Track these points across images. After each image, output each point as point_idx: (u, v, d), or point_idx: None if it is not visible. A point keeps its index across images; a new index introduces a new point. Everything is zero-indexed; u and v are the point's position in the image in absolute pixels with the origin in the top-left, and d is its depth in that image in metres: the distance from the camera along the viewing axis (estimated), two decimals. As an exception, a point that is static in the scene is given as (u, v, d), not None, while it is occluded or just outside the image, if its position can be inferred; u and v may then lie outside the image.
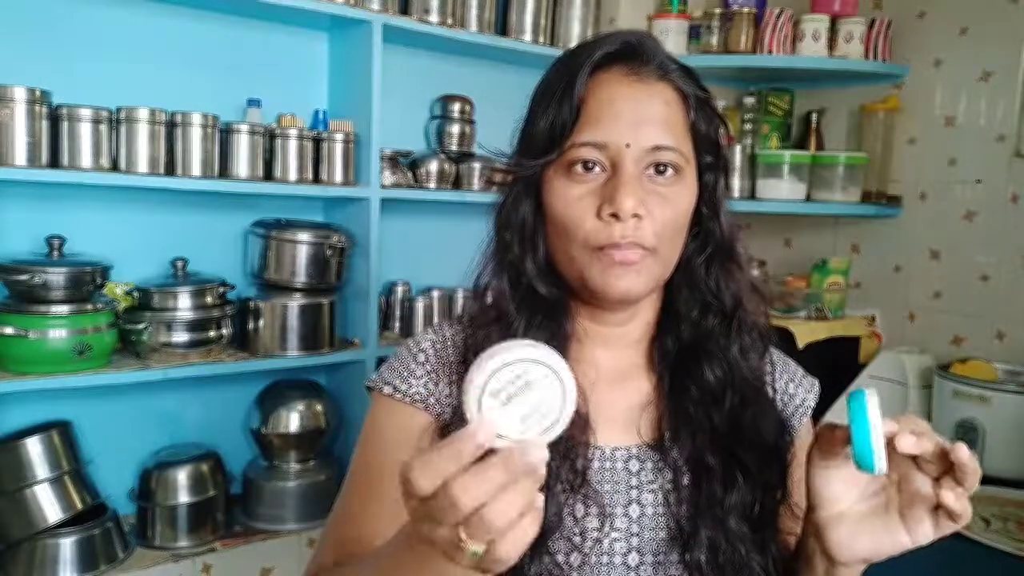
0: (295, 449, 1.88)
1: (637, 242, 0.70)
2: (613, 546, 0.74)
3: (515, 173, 0.77)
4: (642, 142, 0.70)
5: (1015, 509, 1.52)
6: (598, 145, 0.71)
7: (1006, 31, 1.93)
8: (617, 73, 0.73)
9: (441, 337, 0.83)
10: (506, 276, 0.77)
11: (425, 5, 1.96)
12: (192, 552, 1.71)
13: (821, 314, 2.06)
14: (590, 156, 0.71)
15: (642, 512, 0.75)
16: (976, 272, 1.99)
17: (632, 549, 0.74)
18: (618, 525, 0.75)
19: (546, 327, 0.76)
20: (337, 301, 1.94)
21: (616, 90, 0.72)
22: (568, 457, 0.73)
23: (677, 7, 2.22)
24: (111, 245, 1.75)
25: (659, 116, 0.72)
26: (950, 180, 2.05)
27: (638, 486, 0.76)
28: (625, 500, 0.75)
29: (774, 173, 2.18)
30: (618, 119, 0.71)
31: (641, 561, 0.74)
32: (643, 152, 0.71)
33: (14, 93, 1.50)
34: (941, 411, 1.76)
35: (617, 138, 0.70)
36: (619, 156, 0.71)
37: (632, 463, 0.76)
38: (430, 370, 0.80)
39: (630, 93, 0.72)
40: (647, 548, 0.75)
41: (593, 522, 0.74)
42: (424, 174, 2.05)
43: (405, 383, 0.80)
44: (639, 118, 0.71)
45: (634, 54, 0.73)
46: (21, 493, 1.57)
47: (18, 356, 1.55)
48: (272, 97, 1.91)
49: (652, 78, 0.73)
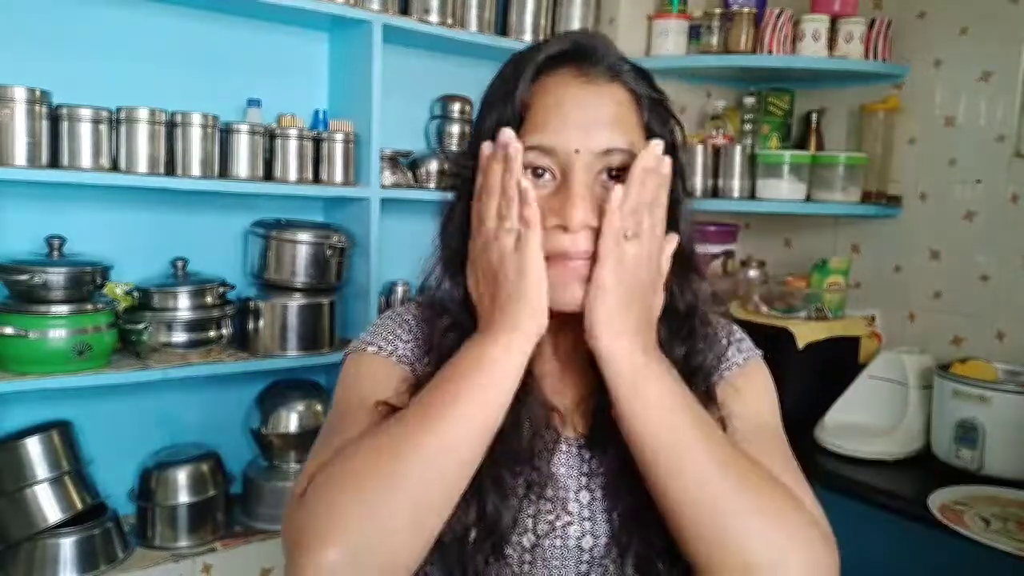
0: (295, 449, 1.88)
1: (589, 251, 0.67)
2: (567, 530, 0.74)
3: (459, 174, 0.74)
4: (592, 146, 0.68)
5: (1015, 509, 1.52)
6: (545, 150, 0.68)
7: (1006, 31, 1.93)
8: (566, 75, 0.70)
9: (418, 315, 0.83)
10: (460, 281, 0.74)
11: (425, 5, 1.96)
12: (192, 552, 1.71)
13: (821, 314, 2.06)
14: (539, 162, 0.69)
15: (592, 498, 0.76)
16: (976, 272, 1.99)
17: (586, 533, 0.75)
18: (571, 509, 0.75)
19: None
20: (337, 301, 1.94)
21: (564, 93, 0.69)
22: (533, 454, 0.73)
23: (677, 7, 2.22)
24: (111, 245, 1.75)
25: (609, 117, 0.69)
26: (950, 180, 2.05)
27: (588, 473, 0.76)
28: (576, 486, 0.76)
29: (774, 173, 2.18)
30: (566, 123, 0.68)
31: (595, 544, 0.75)
32: (593, 157, 0.68)
33: (14, 93, 1.50)
34: (941, 411, 1.76)
35: (565, 143, 0.68)
36: (568, 162, 0.68)
37: (584, 451, 0.77)
38: (416, 337, 0.81)
39: (579, 95, 0.69)
40: (600, 531, 0.75)
41: (547, 505, 0.74)
42: (424, 174, 2.05)
43: (391, 345, 0.80)
44: (588, 121, 0.68)
45: (583, 55, 0.71)
46: (21, 493, 1.58)
47: (18, 356, 1.55)
48: (272, 97, 1.91)
49: (602, 79, 0.70)
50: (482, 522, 0.70)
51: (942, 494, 1.57)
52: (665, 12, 2.23)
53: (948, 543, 1.41)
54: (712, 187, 2.24)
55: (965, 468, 1.68)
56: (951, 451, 1.71)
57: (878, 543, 1.57)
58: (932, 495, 1.55)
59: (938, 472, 1.73)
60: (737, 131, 2.35)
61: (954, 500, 1.55)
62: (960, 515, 1.48)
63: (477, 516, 0.70)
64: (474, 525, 0.70)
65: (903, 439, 1.82)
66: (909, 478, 1.71)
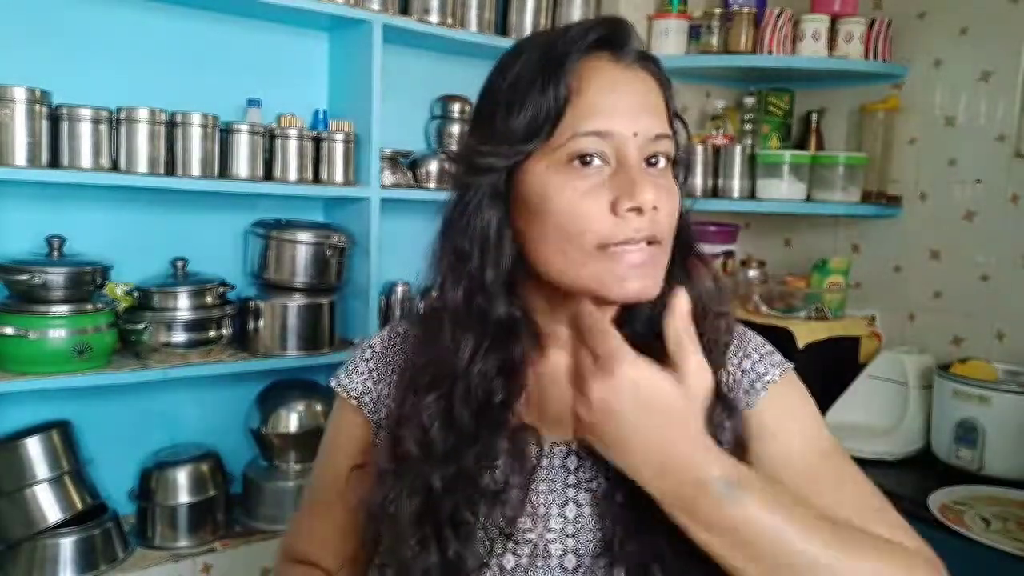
0: (295, 449, 1.88)
1: (654, 236, 0.66)
2: (549, 548, 0.71)
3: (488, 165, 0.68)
4: (645, 131, 0.66)
5: (1015, 509, 1.52)
6: (602, 134, 0.65)
7: (1006, 31, 1.93)
8: (604, 60, 0.68)
9: (392, 335, 0.83)
10: (461, 290, 0.70)
11: (425, 5, 1.96)
12: (192, 552, 1.71)
13: (821, 314, 2.06)
14: (593, 147, 0.65)
15: (579, 512, 0.72)
16: (976, 272, 1.99)
17: (568, 551, 0.71)
18: (552, 526, 0.71)
19: (494, 353, 0.70)
20: (337, 301, 1.94)
21: (608, 77, 0.67)
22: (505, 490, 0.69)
23: (677, 7, 2.22)
24: (111, 245, 1.75)
25: (653, 102, 0.68)
26: (950, 180, 2.05)
27: (576, 484, 0.72)
28: (561, 500, 0.72)
29: (774, 173, 2.18)
30: (618, 107, 0.66)
31: (579, 563, 0.71)
32: (647, 141, 0.67)
33: (14, 93, 1.50)
34: (941, 411, 1.76)
35: (622, 127, 0.65)
36: (624, 146, 0.66)
37: (570, 460, 0.73)
38: (372, 367, 0.81)
39: (623, 79, 0.67)
40: (584, 550, 0.71)
41: (526, 523, 0.71)
42: (424, 174, 2.05)
43: (348, 378, 0.82)
44: (636, 106, 0.67)
45: (615, 40, 0.69)
46: (21, 493, 1.57)
47: (18, 356, 1.55)
48: (272, 97, 1.91)
49: (636, 65, 0.69)
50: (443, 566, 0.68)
51: (942, 494, 1.57)
52: (665, 12, 2.23)
53: (948, 543, 1.41)
54: (712, 187, 2.24)
55: (965, 468, 1.68)
56: (951, 451, 1.71)
57: (878, 543, 1.57)
58: (932, 495, 1.55)
59: (938, 472, 1.73)
60: (737, 131, 2.35)
61: (954, 500, 1.55)
62: (960, 515, 1.48)
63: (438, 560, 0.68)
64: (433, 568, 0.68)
65: (903, 439, 1.82)
66: (909, 478, 1.71)
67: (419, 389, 0.71)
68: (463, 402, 0.69)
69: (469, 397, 0.69)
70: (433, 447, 0.69)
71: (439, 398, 0.70)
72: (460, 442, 0.69)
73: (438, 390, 0.70)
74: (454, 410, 0.69)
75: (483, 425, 0.69)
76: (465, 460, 0.68)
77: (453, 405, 0.69)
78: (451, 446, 0.69)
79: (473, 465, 0.68)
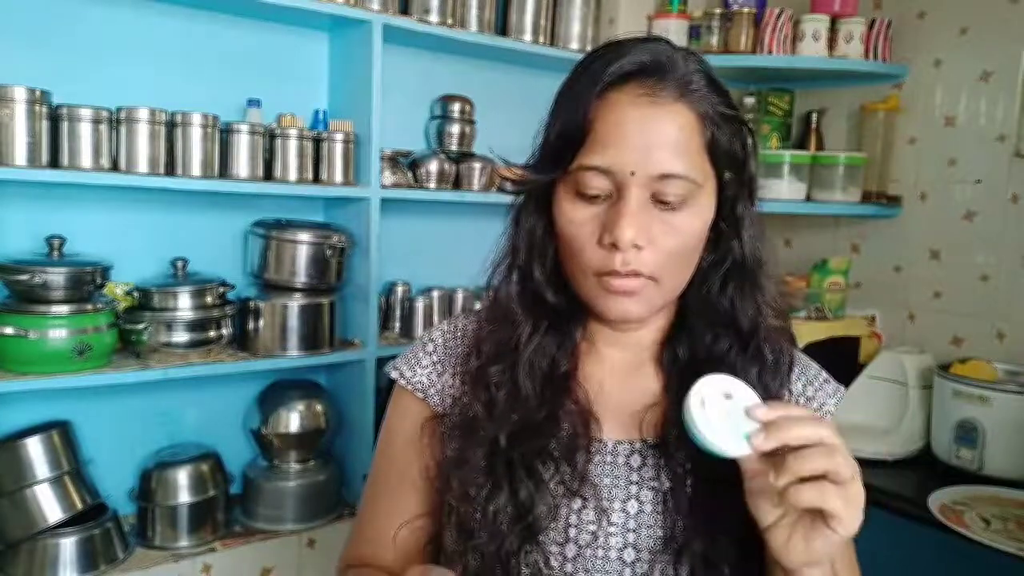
0: (295, 449, 1.88)
1: (638, 272, 0.69)
2: (609, 541, 0.74)
3: (524, 185, 0.77)
4: (649, 169, 0.68)
5: (1015, 509, 1.52)
6: (602, 170, 0.69)
7: (1006, 31, 1.93)
8: (631, 93, 0.69)
9: (453, 328, 0.86)
10: (515, 280, 0.78)
11: (425, 5, 1.96)
12: (192, 552, 1.71)
13: (821, 314, 2.06)
14: (593, 181, 0.69)
15: (640, 509, 0.75)
16: (976, 272, 1.99)
17: (628, 545, 0.74)
18: (615, 520, 0.74)
19: (552, 334, 0.77)
20: (337, 301, 1.94)
21: (626, 112, 0.68)
22: (569, 453, 0.74)
23: (677, 7, 2.22)
24: (111, 245, 1.75)
25: (670, 140, 0.68)
26: (950, 180, 2.05)
27: (638, 482, 0.75)
28: (624, 495, 0.75)
29: (774, 173, 2.18)
30: (625, 144, 0.68)
31: (637, 558, 0.74)
32: (649, 179, 0.68)
33: (14, 93, 1.50)
34: (941, 411, 1.76)
35: (622, 165, 0.68)
36: (624, 183, 0.68)
37: (634, 458, 0.76)
38: (436, 360, 0.84)
39: (640, 116, 0.68)
40: (643, 545, 0.74)
41: (589, 515, 0.74)
42: (424, 174, 2.05)
43: (411, 371, 0.84)
44: (648, 143, 0.68)
45: (652, 72, 0.69)
46: (21, 493, 1.57)
47: (18, 356, 1.55)
48: (272, 97, 1.91)
49: (669, 99, 0.69)
50: (514, 506, 0.72)
51: (942, 494, 1.57)
52: (665, 12, 2.23)
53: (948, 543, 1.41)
54: (712, 187, 2.24)
55: (965, 468, 1.68)
56: (951, 451, 1.71)
57: (878, 543, 1.57)
58: (932, 495, 1.55)
59: (938, 472, 1.73)
60: (737, 131, 2.35)
61: (954, 500, 1.55)
62: (960, 515, 1.48)
63: (509, 499, 0.72)
64: (504, 509, 0.72)
65: (903, 439, 1.82)
66: (909, 478, 1.71)
67: (485, 362, 0.78)
68: (527, 374, 0.75)
69: (532, 370, 0.76)
70: (498, 408, 0.75)
71: (503, 370, 0.76)
72: (525, 407, 0.75)
73: (502, 363, 0.77)
74: (518, 380, 0.75)
75: (547, 394, 0.75)
76: (532, 419, 0.74)
77: (517, 376, 0.75)
78: (517, 408, 0.75)
79: (542, 421, 0.74)
